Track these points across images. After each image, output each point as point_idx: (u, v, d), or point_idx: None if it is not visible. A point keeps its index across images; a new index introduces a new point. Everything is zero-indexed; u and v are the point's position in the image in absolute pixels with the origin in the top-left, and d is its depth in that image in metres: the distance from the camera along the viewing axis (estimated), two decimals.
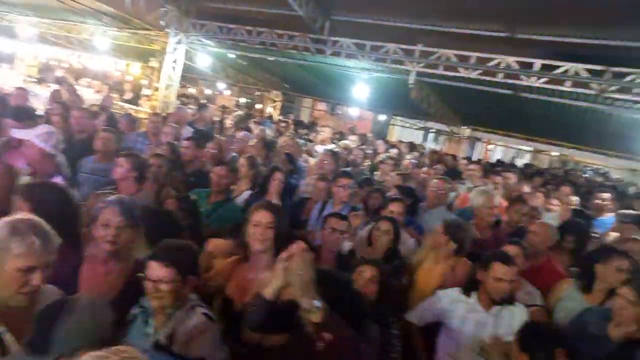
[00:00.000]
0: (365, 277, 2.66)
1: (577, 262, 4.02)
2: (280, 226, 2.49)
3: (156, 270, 1.96)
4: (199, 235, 3.02)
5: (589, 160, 16.13)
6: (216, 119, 9.90)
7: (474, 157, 16.51)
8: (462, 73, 7.21)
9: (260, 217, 2.46)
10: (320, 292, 1.92)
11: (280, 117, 14.11)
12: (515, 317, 2.80)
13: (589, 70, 6.33)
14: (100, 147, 4.28)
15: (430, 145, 20.04)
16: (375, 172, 7.00)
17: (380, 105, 12.38)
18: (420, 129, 15.07)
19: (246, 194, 4.31)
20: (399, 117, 15.99)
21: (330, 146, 7.53)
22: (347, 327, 1.93)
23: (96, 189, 3.51)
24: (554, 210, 6.21)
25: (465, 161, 9.24)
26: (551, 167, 18.50)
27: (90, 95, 10.90)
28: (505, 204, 5.43)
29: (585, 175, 20.37)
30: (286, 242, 2.37)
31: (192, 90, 18.55)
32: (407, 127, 16.92)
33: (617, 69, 6.14)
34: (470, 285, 2.98)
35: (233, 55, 11.29)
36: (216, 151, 5.19)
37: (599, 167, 19.27)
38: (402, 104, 11.13)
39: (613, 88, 6.20)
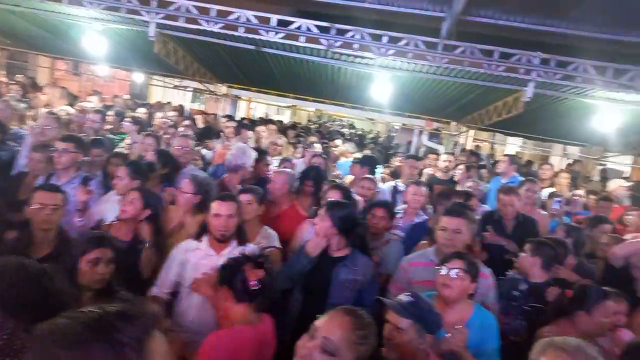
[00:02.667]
0: None
1: (315, 203, 4.40)
2: None
3: None
4: None
5: (339, 114, 18.15)
6: None
7: (238, 116, 16.81)
8: (204, 26, 6.98)
9: None
10: None
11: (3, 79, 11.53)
12: None
13: (318, 27, 6.87)
14: None
15: (193, 105, 19.53)
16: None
17: (124, 62, 11.20)
18: (175, 87, 14.36)
19: None
20: (158, 77, 14.89)
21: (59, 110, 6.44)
22: None
23: None
24: (302, 158, 6.77)
25: (225, 119, 9.24)
26: (309, 121, 20.38)
27: None
28: None
29: (336, 127, 23.14)
30: None
31: None
32: (172, 88, 15.94)
33: (340, 26, 6.82)
34: (200, 231, 2.98)
35: None
36: None
37: (347, 118, 22.04)
38: (147, 60, 10.28)
39: (338, 44, 6.88)
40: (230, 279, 2.24)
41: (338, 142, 7.53)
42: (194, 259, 2.89)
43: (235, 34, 7.08)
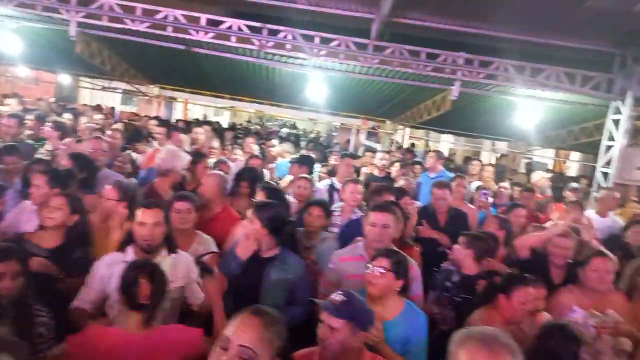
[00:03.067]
0: None
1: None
2: None
3: None
4: None
5: (280, 114, 18.03)
6: None
7: (174, 118, 16.28)
8: (130, 25, 6.70)
9: None
10: None
11: None
12: (178, 265, 2.83)
13: (250, 27, 6.80)
14: None
15: (125, 107, 18.69)
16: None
17: (45, 63, 10.55)
18: (104, 89, 13.70)
19: None
20: (86, 79, 14.11)
21: None
22: None
23: None
24: (239, 160, 6.66)
25: (154, 121, 8.90)
26: (248, 122, 20.14)
27: None
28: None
29: (275, 128, 23.04)
30: None
31: None
32: (100, 90, 15.15)
33: (272, 26, 6.80)
34: (125, 241, 2.82)
35: None
36: None
37: (289, 119, 22.00)
38: (71, 61, 9.73)
39: (270, 44, 6.85)
40: (125, 287, 2.23)
41: (275, 142, 7.50)
42: (120, 272, 2.74)
43: (164, 33, 6.87)
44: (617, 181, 7.29)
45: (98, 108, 11.89)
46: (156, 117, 9.76)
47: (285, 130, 22.71)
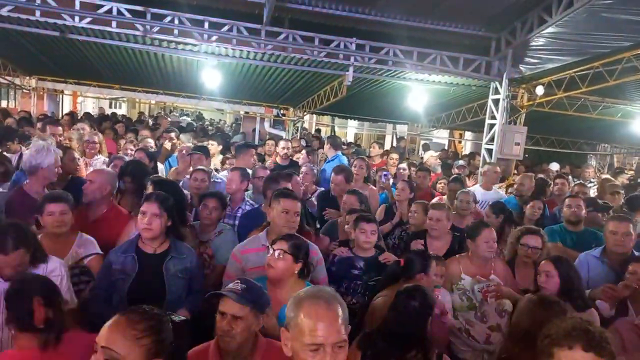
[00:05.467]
0: None
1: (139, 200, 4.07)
2: None
3: None
4: None
5: (182, 105, 17.20)
6: None
7: (61, 112, 14.83)
8: None
9: None
10: None
11: None
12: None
13: (131, 11, 6.32)
14: None
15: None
16: None
17: None
18: None
19: None
20: None
21: None
22: None
23: None
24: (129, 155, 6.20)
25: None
26: (140, 113, 18.94)
27: None
28: None
29: (177, 118, 22.05)
30: None
31: None
32: None
33: (156, 10, 6.38)
34: None
35: None
36: None
37: (193, 109, 21.09)
38: None
39: (156, 29, 6.43)
40: (14, 306, 1.98)
41: (173, 134, 7.11)
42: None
43: (32, 18, 6.16)
44: (499, 156, 7.95)
45: None
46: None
47: (186, 119, 21.86)
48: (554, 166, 9.93)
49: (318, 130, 17.20)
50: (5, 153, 5.85)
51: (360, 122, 16.75)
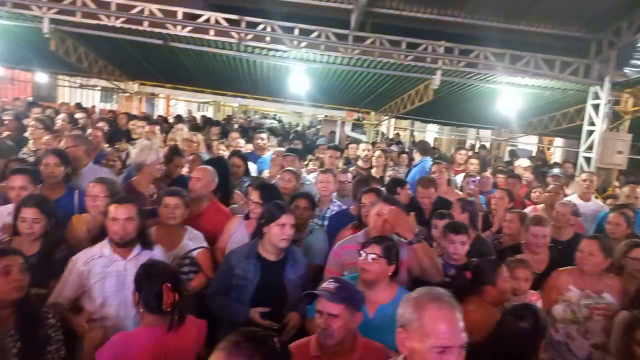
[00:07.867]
0: None
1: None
2: None
3: None
4: None
5: (264, 108, 17.87)
6: None
7: (156, 114, 16.05)
8: (105, 21, 6.56)
9: None
10: None
11: None
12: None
13: (228, 20, 6.70)
14: None
15: (106, 105, 18.39)
16: None
17: (19, 61, 10.29)
18: (81, 87, 13.45)
19: None
20: (64, 77, 13.78)
21: None
22: None
23: None
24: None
25: (137, 120, 8.74)
26: (228, 116, 19.89)
27: None
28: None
29: (260, 121, 22.86)
30: None
31: None
32: (78, 88, 14.82)
33: (250, 19, 6.71)
34: (96, 237, 2.85)
35: None
36: None
37: (273, 112, 21.78)
38: (47, 59, 9.51)
39: (250, 37, 6.76)
40: (145, 290, 2.19)
41: (263, 135, 7.40)
42: (98, 268, 2.71)
43: (140, 28, 6.74)
44: (599, 165, 7.39)
45: (79, 106, 11.66)
46: (135, 116, 9.58)
47: (267, 122, 22.53)
48: None
49: (397, 135, 17.00)
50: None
51: (441, 127, 16.28)
